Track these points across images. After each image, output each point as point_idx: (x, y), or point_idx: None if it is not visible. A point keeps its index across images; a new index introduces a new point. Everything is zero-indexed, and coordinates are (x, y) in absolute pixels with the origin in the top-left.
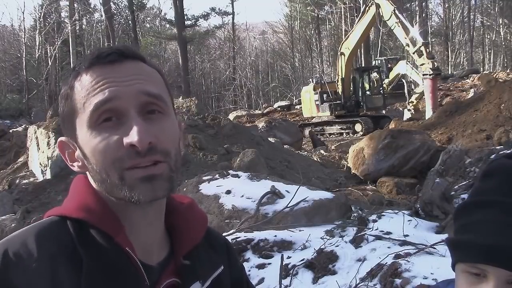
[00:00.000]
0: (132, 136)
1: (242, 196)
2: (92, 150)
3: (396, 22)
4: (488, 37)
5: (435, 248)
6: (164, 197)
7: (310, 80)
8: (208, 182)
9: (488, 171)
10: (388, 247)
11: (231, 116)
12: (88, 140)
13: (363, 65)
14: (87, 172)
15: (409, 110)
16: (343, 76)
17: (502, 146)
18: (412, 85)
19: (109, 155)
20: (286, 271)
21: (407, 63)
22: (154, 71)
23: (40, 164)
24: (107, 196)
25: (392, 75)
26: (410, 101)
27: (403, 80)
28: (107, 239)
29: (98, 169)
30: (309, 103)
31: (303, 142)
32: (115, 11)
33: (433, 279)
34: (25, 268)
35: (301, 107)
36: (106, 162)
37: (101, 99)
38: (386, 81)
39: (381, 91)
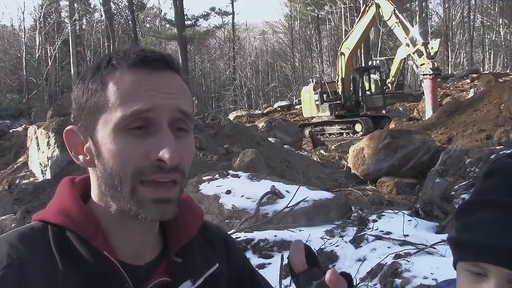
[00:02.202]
0: (164, 152)
1: (242, 196)
2: (113, 152)
3: (396, 22)
4: (488, 37)
5: (435, 248)
6: (170, 219)
7: (310, 80)
8: (208, 182)
9: (490, 170)
10: (388, 247)
11: (231, 116)
12: (110, 141)
13: (363, 65)
14: (91, 169)
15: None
16: (343, 76)
17: (502, 146)
18: (412, 75)
19: (132, 163)
20: (286, 271)
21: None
22: (187, 87)
23: (40, 164)
24: (102, 201)
25: (394, 67)
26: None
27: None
28: (84, 244)
29: (113, 173)
30: (309, 103)
31: (303, 142)
32: (115, 11)
33: (433, 279)
34: None
35: (301, 107)
36: (125, 169)
37: (141, 108)
38: (392, 73)
39: (384, 90)
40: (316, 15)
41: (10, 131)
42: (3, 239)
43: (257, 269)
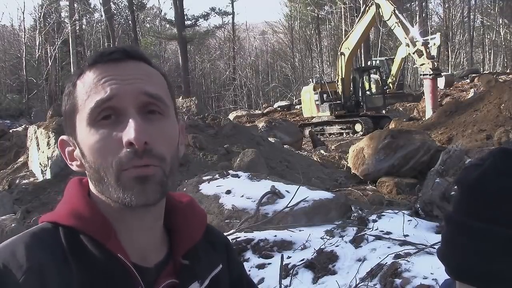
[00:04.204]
0: (129, 133)
1: (242, 196)
2: (90, 148)
3: (396, 22)
4: (488, 37)
5: (435, 248)
6: (156, 202)
7: (310, 80)
8: (208, 182)
9: (458, 182)
10: (388, 247)
11: (231, 116)
12: (86, 137)
13: (363, 65)
14: (86, 172)
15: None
16: (343, 76)
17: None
18: (412, 75)
19: (109, 155)
20: (286, 271)
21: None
22: (157, 73)
23: (40, 164)
24: (102, 199)
25: (395, 67)
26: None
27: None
28: (98, 246)
29: (95, 168)
30: (309, 103)
31: (303, 142)
32: (115, 11)
33: (433, 279)
34: (13, 281)
35: (301, 107)
36: (104, 162)
37: (102, 97)
38: (393, 73)
39: (385, 90)
40: (316, 15)
41: (10, 131)
42: (18, 242)
43: (257, 269)
